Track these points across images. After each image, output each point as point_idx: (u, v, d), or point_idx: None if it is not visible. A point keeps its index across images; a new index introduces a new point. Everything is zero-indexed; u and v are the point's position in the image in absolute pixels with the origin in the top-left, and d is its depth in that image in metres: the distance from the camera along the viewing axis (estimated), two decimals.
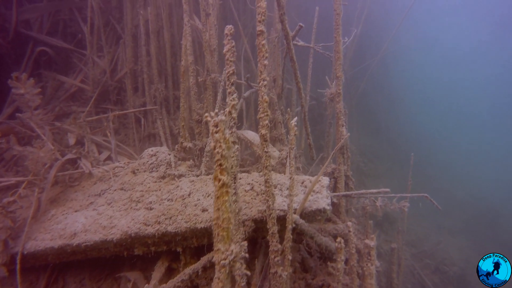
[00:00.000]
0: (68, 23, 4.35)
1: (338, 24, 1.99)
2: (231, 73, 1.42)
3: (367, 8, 5.73)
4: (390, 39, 5.80)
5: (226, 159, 0.95)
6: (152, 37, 3.57)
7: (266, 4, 1.41)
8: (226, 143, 0.94)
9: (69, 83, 3.77)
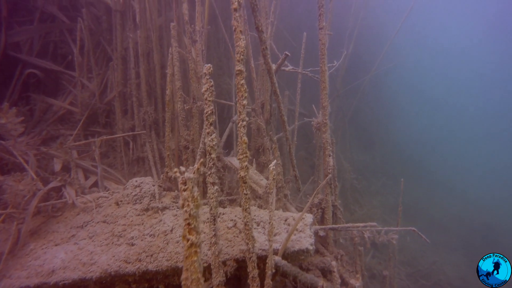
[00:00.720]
0: (59, 45, 4.34)
1: (323, 53, 1.99)
2: (209, 113, 1.39)
3: (358, 26, 5.79)
4: (382, 56, 5.85)
5: (195, 218, 0.91)
6: (141, 60, 3.56)
7: (245, 42, 1.39)
8: (195, 202, 0.91)
9: (57, 106, 3.74)
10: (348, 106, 6.70)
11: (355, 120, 8.01)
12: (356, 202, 6.49)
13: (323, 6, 2.00)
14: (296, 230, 1.75)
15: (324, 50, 1.99)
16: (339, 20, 7.06)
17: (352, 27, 5.66)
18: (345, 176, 6.19)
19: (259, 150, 2.92)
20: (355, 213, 6.12)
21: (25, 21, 4.19)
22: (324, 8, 2.01)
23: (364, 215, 6.25)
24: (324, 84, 2.01)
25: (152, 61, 3.80)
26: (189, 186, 0.91)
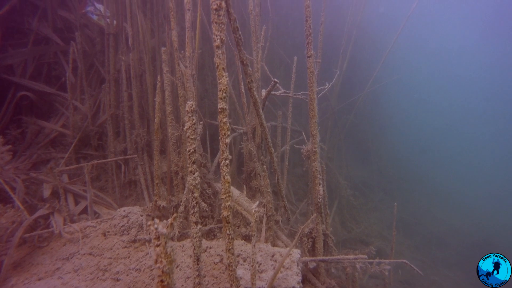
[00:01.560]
0: (53, 66, 4.35)
1: (312, 82, 1.98)
2: (192, 151, 1.37)
3: (351, 43, 5.84)
4: (376, 73, 5.88)
5: (168, 276, 0.88)
6: (134, 82, 3.56)
7: (227, 80, 1.38)
8: (168, 258, 0.87)
9: (49, 128, 3.71)
10: (344, 122, 6.70)
11: (351, 135, 8.01)
12: (353, 219, 6.43)
13: (310, 34, 2.01)
14: (283, 267, 1.71)
15: (313, 78, 1.98)
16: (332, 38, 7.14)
17: (346, 45, 5.70)
18: (342, 193, 6.15)
19: (250, 175, 2.89)
20: (352, 231, 6.05)
21: (19, 43, 4.20)
22: (311, 37, 2.01)
23: (361, 232, 6.18)
24: (313, 112, 2.00)
25: (145, 83, 3.80)
26: (162, 242, 0.88)
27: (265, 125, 1.83)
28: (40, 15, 4.39)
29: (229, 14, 1.49)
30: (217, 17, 1.36)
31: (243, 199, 2.45)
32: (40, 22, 4.36)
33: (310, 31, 2.02)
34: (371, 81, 5.81)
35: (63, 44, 4.29)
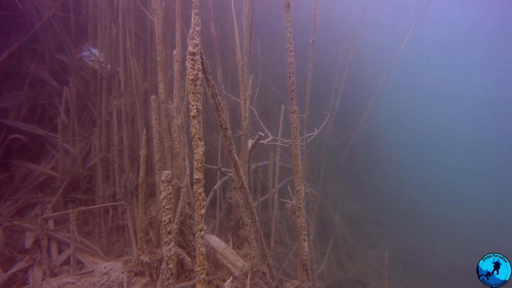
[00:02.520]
0: (47, 107, 4.41)
1: (295, 137, 1.99)
2: (167, 222, 1.35)
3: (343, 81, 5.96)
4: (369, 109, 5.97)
5: None
6: (125, 127, 3.59)
7: (203, 149, 1.39)
8: None
9: (38, 171, 3.69)
10: (338, 158, 6.71)
11: (346, 170, 8.00)
12: (350, 257, 6.27)
13: (294, 90, 2.05)
14: None
15: (296, 134, 1.99)
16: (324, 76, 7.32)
17: (338, 83, 5.83)
18: (337, 230, 6.03)
19: (238, 223, 2.84)
20: (348, 271, 5.88)
21: (15, 86, 4.28)
22: (295, 93, 2.05)
23: (359, 272, 6.00)
24: (297, 167, 1.99)
25: (136, 126, 3.83)
26: None
27: (245, 187, 1.82)
28: (38, 59, 4.51)
29: (208, 81, 1.52)
30: (193, 87, 1.39)
31: (229, 252, 2.40)
32: (38, 65, 4.47)
33: (294, 87, 2.06)
34: (363, 120, 5.88)
35: (58, 86, 4.37)
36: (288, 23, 2.08)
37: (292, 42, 2.09)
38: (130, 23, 3.99)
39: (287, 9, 2.07)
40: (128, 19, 3.96)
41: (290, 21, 2.08)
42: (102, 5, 3.99)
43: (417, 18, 5.78)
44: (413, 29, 5.78)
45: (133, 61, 3.87)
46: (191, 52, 1.38)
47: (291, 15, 2.08)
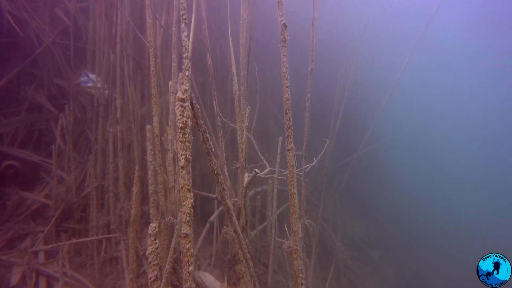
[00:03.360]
0: (44, 132, 4.37)
1: (292, 176, 1.92)
2: (153, 279, 1.26)
3: (343, 105, 5.93)
4: (369, 133, 5.91)
5: None
6: (120, 155, 3.53)
7: (192, 201, 1.31)
8: None
9: (31, 199, 3.62)
10: (339, 181, 6.61)
11: (348, 191, 7.87)
12: (352, 284, 6.07)
13: (290, 127, 1.98)
14: None
15: (293, 173, 1.92)
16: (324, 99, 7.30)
17: (338, 106, 5.80)
18: (338, 256, 5.87)
19: (235, 258, 2.73)
20: None
21: (12, 112, 4.26)
22: (291, 130, 1.99)
23: None
24: (294, 208, 1.91)
25: (132, 153, 3.77)
26: None
27: (239, 233, 1.73)
28: (37, 84, 4.51)
29: (199, 126, 1.46)
30: (182, 136, 1.33)
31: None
32: (36, 90, 4.47)
33: (290, 124, 2.00)
34: (363, 143, 5.82)
35: (56, 111, 4.35)
36: (284, 58, 2.04)
37: (288, 77, 2.05)
38: (128, 48, 4.00)
39: (283, 44, 2.03)
40: (126, 45, 3.96)
41: (286, 56, 2.05)
42: (100, 31, 4.00)
43: (418, 37, 5.79)
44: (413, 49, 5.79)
45: (131, 87, 3.85)
46: (181, 98, 1.33)
47: (287, 50, 2.05)
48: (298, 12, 7.17)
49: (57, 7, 4.65)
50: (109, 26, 4.02)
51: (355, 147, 6.68)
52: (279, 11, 2.04)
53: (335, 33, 8.34)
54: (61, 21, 4.65)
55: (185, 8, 1.41)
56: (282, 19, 2.03)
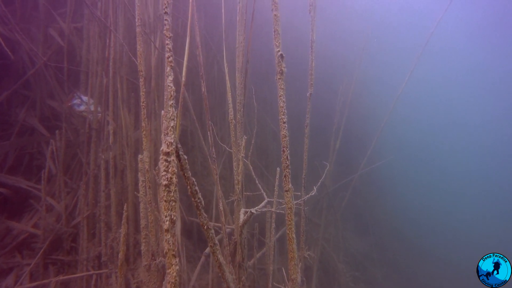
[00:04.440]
0: (35, 156, 4.23)
1: (290, 219, 1.77)
2: None
3: (343, 122, 5.81)
4: (370, 151, 5.77)
5: None
6: (112, 182, 3.38)
7: (177, 268, 1.16)
8: None
9: (19, 229, 3.46)
10: (340, 199, 6.45)
11: (349, 209, 7.70)
12: None
13: (288, 167, 1.85)
14: None
15: (291, 215, 1.77)
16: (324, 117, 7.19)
17: (339, 122, 5.68)
18: (340, 279, 5.68)
19: None
20: None
21: (2, 135, 4.13)
22: (289, 169, 1.85)
23: None
24: (292, 254, 1.76)
25: (125, 179, 3.63)
26: None
27: None
28: (29, 105, 4.39)
29: (186, 179, 1.33)
30: (167, 194, 1.19)
31: None
32: (28, 112, 4.34)
33: (288, 163, 1.86)
34: (364, 162, 5.68)
35: (48, 134, 4.22)
36: (281, 91, 1.91)
37: (285, 112, 1.92)
38: (122, 70, 3.90)
39: (280, 76, 1.91)
40: (120, 67, 3.86)
41: (283, 89, 1.92)
42: (94, 53, 3.90)
43: (420, 52, 5.70)
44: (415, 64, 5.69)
45: (124, 111, 3.73)
46: (165, 152, 1.20)
47: (284, 83, 1.92)
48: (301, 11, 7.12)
49: (51, 27, 4.56)
50: (102, 48, 3.92)
51: (356, 163, 6.54)
52: (275, 41, 1.92)
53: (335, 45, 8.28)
54: (55, 41, 4.56)
55: (170, 50, 1.29)
56: (279, 50, 1.91)
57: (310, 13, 2.54)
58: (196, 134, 5.46)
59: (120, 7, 3.88)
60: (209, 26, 6.76)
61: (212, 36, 6.43)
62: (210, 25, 6.83)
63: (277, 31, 1.91)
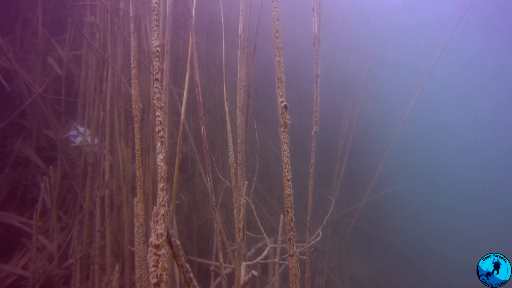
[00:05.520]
0: (30, 188, 4.09)
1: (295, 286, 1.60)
2: None
3: (348, 148, 5.66)
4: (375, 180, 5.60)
5: None
6: (108, 221, 3.22)
7: None
8: None
9: (7, 271, 3.29)
10: (345, 226, 6.25)
11: (354, 232, 7.48)
12: None
13: (293, 229, 1.69)
14: None
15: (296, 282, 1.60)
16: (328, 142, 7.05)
17: (343, 149, 5.53)
18: None
19: None
20: None
21: None
22: (294, 231, 1.69)
23: None
24: None
25: (122, 216, 3.48)
26: None
27: None
28: (25, 135, 4.28)
29: (180, 267, 1.17)
30: None
31: None
32: (24, 142, 4.23)
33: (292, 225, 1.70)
34: (369, 189, 5.51)
35: (44, 166, 4.09)
36: (285, 146, 1.77)
37: (289, 169, 1.77)
38: (120, 101, 3.79)
39: (283, 129, 1.77)
40: (118, 98, 3.76)
41: (287, 143, 1.78)
42: (91, 84, 3.81)
43: (428, 73, 5.58)
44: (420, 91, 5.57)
45: (121, 144, 3.61)
46: (154, 244, 1.05)
47: (288, 137, 1.78)
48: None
49: (49, 55, 4.49)
50: (100, 79, 3.83)
51: (362, 187, 6.37)
52: (279, 90, 1.79)
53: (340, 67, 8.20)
54: (54, 69, 4.48)
55: (161, 123, 1.15)
56: (283, 100, 1.78)
57: (315, 47, 2.42)
58: (197, 160, 5.33)
59: (119, 36, 3.80)
60: (210, 44, 6.70)
61: (213, 58, 6.37)
62: (212, 43, 6.77)
63: (280, 79, 1.78)
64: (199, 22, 6.34)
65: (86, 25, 4.30)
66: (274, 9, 1.87)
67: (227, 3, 7.41)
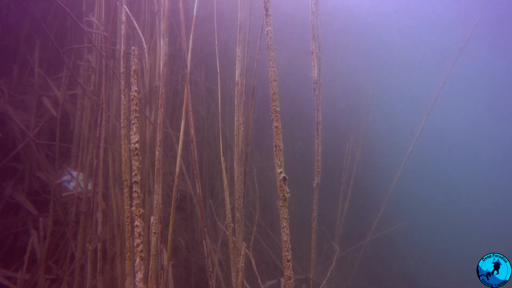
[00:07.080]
0: (20, 235, 3.92)
1: None
2: None
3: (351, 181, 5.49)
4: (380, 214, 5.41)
5: None
6: (99, 277, 3.04)
7: None
8: None
9: None
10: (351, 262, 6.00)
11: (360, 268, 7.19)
12: None
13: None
14: None
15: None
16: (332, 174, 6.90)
17: (346, 183, 5.36)
18: None
19: None
20: None
21: None
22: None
23: None
24: None
25: (115, 268, 3.30)
26: None
27: None
28: (17, 178, 4.14)
29: None
30: None
31: None
32: (16, 186, 4.09)
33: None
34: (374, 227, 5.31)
35: (36, 211, 3.93)
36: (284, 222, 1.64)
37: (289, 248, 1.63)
38: (115, 144, 3.69)
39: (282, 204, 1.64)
40: (112, 142, 3.65)
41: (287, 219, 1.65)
42: (85, 128, 3.71)
43: (429, 110, 5.47)
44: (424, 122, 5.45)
45: (115, 191, 3.47)
46: None
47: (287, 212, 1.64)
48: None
49: (45, 96, 4.42)
50: (94, 123, 3.73)
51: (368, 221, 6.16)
52: (277, 160, 1.67)
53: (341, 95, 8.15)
54: (49, 110, 4.40)
55: (140, 235, 1.01)
56: (281, 171, 1.65)
57: (315, 92, 2.32)
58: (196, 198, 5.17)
59: (114, 80, 3.73)
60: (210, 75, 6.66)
61: (212, 92, 6.31)
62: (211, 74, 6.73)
63: (279, 147, 1.66)
64: (197, 55, 6.31)
65: (82, 67, 4.25)
66: (272, 68, 1.77)
67: (225, 32, 7.41)
